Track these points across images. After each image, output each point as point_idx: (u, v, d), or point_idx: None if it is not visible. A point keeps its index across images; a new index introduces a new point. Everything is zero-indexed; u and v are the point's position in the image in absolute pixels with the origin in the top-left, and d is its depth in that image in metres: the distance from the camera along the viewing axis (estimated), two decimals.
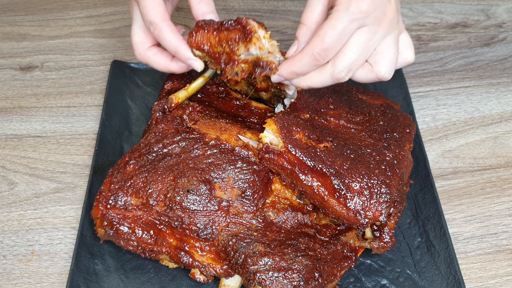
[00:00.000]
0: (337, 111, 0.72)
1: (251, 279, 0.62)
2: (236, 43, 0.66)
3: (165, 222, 0.67)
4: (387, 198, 0.64)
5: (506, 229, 0.76)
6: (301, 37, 0.65)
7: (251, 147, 0.69)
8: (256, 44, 0.66)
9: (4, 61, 0.98)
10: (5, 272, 0.71)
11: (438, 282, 0.69)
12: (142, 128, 0.85)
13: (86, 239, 0.71)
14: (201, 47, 0.68)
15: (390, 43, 0.65)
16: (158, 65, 0.72)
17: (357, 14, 0.60)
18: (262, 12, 1.07)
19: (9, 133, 0.87)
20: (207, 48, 0.68)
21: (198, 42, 0.68)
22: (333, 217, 0.65)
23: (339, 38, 0.61)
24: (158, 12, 0.68)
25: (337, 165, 0.65)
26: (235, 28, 0.66)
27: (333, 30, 0.60)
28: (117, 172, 0.69)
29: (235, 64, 0.67)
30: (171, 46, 0.69)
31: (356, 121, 0.72)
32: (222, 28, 0.67)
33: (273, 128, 0.66)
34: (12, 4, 1.08)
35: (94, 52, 0.99)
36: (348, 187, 0.64)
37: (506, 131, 0.87)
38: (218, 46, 0.68)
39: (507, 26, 1.04)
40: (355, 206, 0.64)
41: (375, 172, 0.65)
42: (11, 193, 0.79)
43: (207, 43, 0.68)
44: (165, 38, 0.68)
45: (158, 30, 0.68)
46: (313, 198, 0.66)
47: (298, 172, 0.65)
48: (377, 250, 0.68)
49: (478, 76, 0.95)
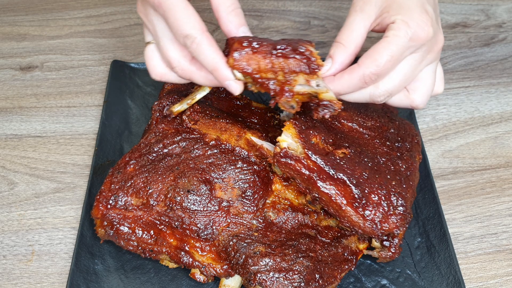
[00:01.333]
0: (348, 112, 0.71)
1: (251, 280, 0.62)
2: (295, 74, 0.59)
3: (166, 222, 0.67)
4: (403, 210, 0.64)
5: (506, 229, 0.76)
6: (337, 56, 0.60)
7: (266, 150, 0.67)
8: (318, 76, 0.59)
9: (4, 61, 0.97)
10: (5, 272, 0.71)
11: (438, 282, 0.69)
12: (142, 128, 0.85)
13: (86, 239, 0.71)
14: (244, 70, 0.59)
15: (431, 72, 0.63)
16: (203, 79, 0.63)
17: (415, 42, 0.58)
18: (262, 12, 1.07)
19: (9, 133, 0.87)
20: (254, 72, 0.59)
21: (242, 66, 0.59)
22: (347, 226, 0.64)
23: (394, 63, 0.58)
24: (195, 22, 0.59)
25: (357, 174, 0.64)
26: (295, 58, 0.59)
27: (390, 55, 0.57)
28: (117, 172, 0.69)
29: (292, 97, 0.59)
30: (210, 63, 0.60)
31: (368, 126, 0.70)
32: (277, 54, 0.59)
33: (292, 132, 0.64)
34: (12, 4, 1.08)
35: (94, 52, 0.99)
36: (368, 197, 0.63)
37: (506, 131, 0.87)
38: (269, 72, 0.59)
39: (507, 26, 1.04)
40: (373, 217, 0.63)
41: (392, 184, 0.65)
42: (11, 193, 0.79)
43: (256, 67, 0.59)
44: (204, 53, 0.59)
45: (197, 43, 0.59)
46: (328, 205, 0.64)
47: (316, 179, 0.63)
48: (383, 260, 0.67)
49: (478, 76, 0.95)
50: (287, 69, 0.59)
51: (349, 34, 0.60)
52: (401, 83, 0.61)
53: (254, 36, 0.61)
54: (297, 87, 0.59)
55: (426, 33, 0.58)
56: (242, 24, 0.61)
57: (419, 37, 0.58)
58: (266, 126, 0.74)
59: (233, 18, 0.61)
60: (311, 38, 1.01)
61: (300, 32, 1.03)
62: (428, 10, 0.60)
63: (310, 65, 0.59)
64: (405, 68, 0.60)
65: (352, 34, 0.60)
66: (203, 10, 1.05)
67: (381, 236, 0.64)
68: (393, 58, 0.58)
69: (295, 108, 0.60)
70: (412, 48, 0.59)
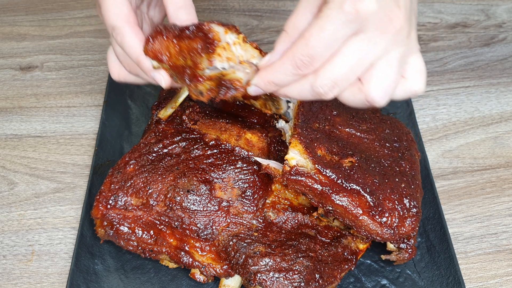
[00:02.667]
0: (342, 117, 0.70)
1: (251, 280, 0.62)
2: (199, 55, 0.54)
3: (165, 222, 0.67)
4: (416, 211, 0.64)
5: (506, 229, 0.76)
6: (279, 45, 0.52)
7: (273, 169, 0.65)
8: (223, 55, 0.54)
9: (4, 61, 0.97)
10: (5, 272, 0.71)
11: (438, 282, 0.69)
12: (142, 128, 0.85)
13: (86, 239, 0.71)
14: (158, 57, 0.56)
15: (392, 61, 0.51)
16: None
17: (352, 15, 0.47)
18: (262, 12, 1.07)
19: (9, 133, 0.87)
20: (166, 58, 0.56)
21: (155, 51, 0.56)
22: (364, 235, 0.64)
23: (328, 42, 0.49)
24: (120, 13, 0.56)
25: (369, 182, 0.63)
26: (196, 36, 0.54)
27: (321, 31, 0.48)
28: (117, 172, 0.69)
29: (199, 81, 0.55)
30: (133, 55, 0.57)
31: (364, 130, 0.70)
32: (183, 35, 0.55)
33: (299, 149, 0.62)
34: (12, 4, 1.08)
35: (94, 52, 0.99)
36: (382, 204, 0.63)
37: (506, 131, 0.87)
38: (179, 57, 0.56)
39: (507, 26, 1.04)
40: (390, 222, 0.63)
41: (402, 186, 0.64)
42: (11, 193, 0.79)
43: (165, 52, 0.56)
44: (127, 45, 0.57)
45: (121, 35, 0.56)
46: (344, 217, 0.63)
47: (329, 193, 0.62)
48: (400, 262, 0.67)
49: (478, 76, 0.95)
50: (191, 51, 0.54)
51: (294, 20, 0.51)
52: (347, 71, 0.50)
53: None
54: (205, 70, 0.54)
55: (365, 4, 0.47)
56: (192, 21, 0.57)
57: (356, 9, 0.47)
58: (266, 126, 0.74)
59: (181, 15, 0.57)
60: None
61: None
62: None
63: (206, 41, 0.53)
64: (351, 52, 0.49)
65: (298, 20, 0.51)
66: (203, 10, 1.05)
67: (399, 240, 0.64)
68: (327, 36, 0.48)
69: (205, 95, 0.56)
70: (351, 25, 0.48)
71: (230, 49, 0.54)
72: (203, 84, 0.55)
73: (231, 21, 1.05)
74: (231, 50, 0.54)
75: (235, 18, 1.05)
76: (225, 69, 0.54)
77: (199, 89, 0.56)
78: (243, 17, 1.06)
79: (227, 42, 0.54)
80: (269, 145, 0.71)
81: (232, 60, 0.54)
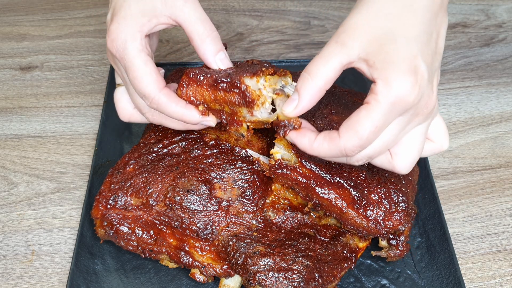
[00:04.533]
0: (339, 116, 0.71)
1: (251, 279, 0.62)
2: (237, 106, 0.60)
3: (165, 222, 0.67)
4: (405, 206, 0.64)
5: (506, 229, 0.76)
6: (303, 90, 0.52)
7: (262, 163, 0.67)
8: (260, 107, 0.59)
9: (4, 61, 0.98)
10: (5, 272, 0.71)
11: (438, 282, 0.69)
12: (142, 128, 0.85)
13: (86, 239, 0.71)
14: (192, 100, 0.61)
15: (418, 135, 0.55)
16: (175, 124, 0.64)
17: (399, 107, 0.50)
18: (262, 12, 1.07)
19: (9, 133, 0.87)
20: (200, 104, 0.61)
21: (189, 96, 0.61)
22: (351, 228, 0.65)
23: (377, 133, 0.51)
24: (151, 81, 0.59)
25: (354, 176, 0.64)
26: (232, 91, 0.59)
27: (373, 125, 0.50)
28: (117, 172, 0.69)
29: (240, 125, 0.61)
30: (175, 116, 0.61)
31: None
32: (217, 87, 0.60)
33: (284, 143, 0.63)
34: (12, 4, 1.08)
35: (94, 52, 0.99)
36: (368, 197, 0.63)
37: (506, 131, 0.87)
38: (215, 104, 0.61)
39: (507, 26, 1.04)
40: (375, 216, 0.63)
41: (391, 181, 0.65)
42: (11, 193, 0.79)
43: (201, 99, 0.61)
44: (165, 110, 0.60)
45: (156, 103, 0.60)
46: (330, 210, 0.64)
47: (314, 186, 0.63)
48: (392, 258, 0.68)
49: (478, 76, 0.95)
50: (228, 102, 0.60)
51: (321, 67, 0.52)
52: (381, 149, 0.54)
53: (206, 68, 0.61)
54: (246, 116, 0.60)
55: (412, 98, 0.50)
56: (219, 50, 0.61)
57: (403, 102, 0.50)
58: None
59: (208, 46, 0.60)
60: (311, 38, 1.02)
61: (300, 32, 1.03)
62: (419, 67, 0.51)
63: (246, 100, 0.59)
64: (388, 133, 0.53)
65: (325, 67, 0.51)
66: None
67: (386, 235, 0.64)
68: (377, 128, 0.51)
69: (246, 137, 0.62)
70: (396, 113, 0.51)
71: (263, 95, 0.59)
72: (243, 127, 0.61)
73: (231, 21, 1.05)
74: (264, 95, 0.59)
75: (235, 18, 1.05)
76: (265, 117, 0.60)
77: (240, 132, 0.62)
78: (243, 17, 1.06)
79: (259, 89, 0.59)
80: (269, 144, 0.71)
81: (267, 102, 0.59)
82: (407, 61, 0.50)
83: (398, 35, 0.51)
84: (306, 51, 0.99)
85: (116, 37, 0.60)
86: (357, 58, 0.51)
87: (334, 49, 0.52)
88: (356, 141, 0.51)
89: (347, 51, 0.51)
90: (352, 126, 0.51)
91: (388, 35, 0.51)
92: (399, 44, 0.51)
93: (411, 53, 0.51)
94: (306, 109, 0.54)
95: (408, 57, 0.50)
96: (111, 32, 0.60)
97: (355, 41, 0.51)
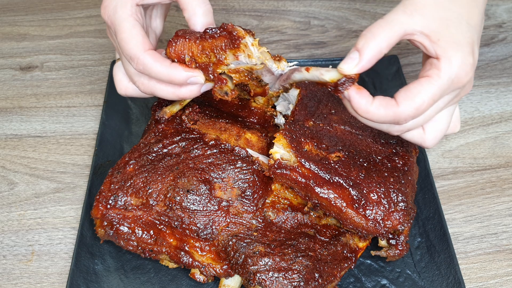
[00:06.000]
0: (339, 116, 0.71)
1: (251, 279, 0.62)
2: (223, 51, 0.60)
3: (165, 222, 0.67)
4: (404, 206, 0.64)
5: (506, 229, 0.76)
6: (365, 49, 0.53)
7: (261, 163, 0.68)
8: (245, 52, 0.60)
9: (4, 61, 0.98)
10: (5, 272, 0.71)
11: (438, 282, 0.69)
12: (142, 128, 0.85)
13: (86, 239, 0.71)
14: (181, 57, 0.62)
15: (448, 115, 0.59)
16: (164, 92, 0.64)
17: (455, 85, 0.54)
18: (262, 12, 1.07)
19: (9, 133, 0.87)
20: (188, 58, 0.62)
21: (178, 52, 0.62)
22: (351, 228, 0.65)
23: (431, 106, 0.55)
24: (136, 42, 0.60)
25: (353, 176, 0.64)
26: (220, 35, 0.60)
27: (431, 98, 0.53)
28: (117, 172, 0.69)
29: (223, 82, 0.62)
30: (163, 76, 0.61)
31: (360, 127, 0.70)
32: (205, 36, 0.61)
33: (283, 143, 0.64)
34: (12, 4, 1.08)
35: (94, 52, 0.99)
36: (367, 197, 0.63)
37: (506, 131, 0.87)
38: (202, 55, 0.62)
39: (507, 26, 1.04)
40: (375, 216, 0.63)
41: (390, 181, 0.65)
42: (11, 193, 0.79)
43: (189, 52, 0.62)
44: (153, 71, 0.61)
45: (142, 64, 0.60)
46: (329, 210, 0.65)
47: (313, 185, 0.63)
48: (392, 258, 0.68)
49: (478, 76, 0.95)
50: (215, 48, 0.61)
51: (387, 29, 0.53)
52: (424, 121, 0.57)
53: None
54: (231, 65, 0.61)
55: (467, 78, 0.54)
56: (209, 24, 0.63)
57: (459, 81, 0.54)
58: (265, 126, 0.74)
59: (199, 19, 0.63)
60: (311, 38, 1.02)
61: (300, 32, 1.03)
62: (475, 52, 0.55)
63: (231, 38, 0.59)
64: (434, 107, 0.56)
65: (390, 30, 0.53)
66: None
67: (385, 234, 0.64)
68: (433, 101, 0.54)
69: (229, 95, 0.63)
70: (450, 90, 0.55)
71: (249, 47, 0.60)
72: (227, 85, 0.62)
73: (231, 21, 1.05)
74: (250, 49, 0.60)
75: (235, 18, 1.05)
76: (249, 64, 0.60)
77: (224, 90, 0.63)
78: (243, 17, 1.06)
79: (246, 41, 0.60)
80: (269, 144, 0.71)
81: (252, 58, 0.60)
82: (469, 46, 0.54)
83: (463, 19, 0.55)
84: (306, 51, 0.99)
85: (108, 4, 0.63)
86: (419, 32, 0.54)
87: (401, 17, 0.54)
88: (412, 110, 0.53)
89: (413, 22, 0.54)
90: (412, 96, 0.53)
91: (455, 18, 0.55)
92: (464, 28, 0.55)
93: (472, 38, 0.55)
94: (365, 68, 0.53)
95: (469, 42, 0.55)
96: (104, 0, 0.63)
97: (422, 16, 0.54)
